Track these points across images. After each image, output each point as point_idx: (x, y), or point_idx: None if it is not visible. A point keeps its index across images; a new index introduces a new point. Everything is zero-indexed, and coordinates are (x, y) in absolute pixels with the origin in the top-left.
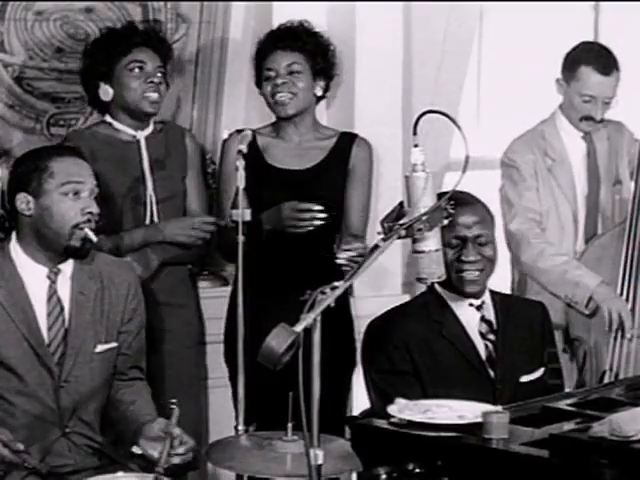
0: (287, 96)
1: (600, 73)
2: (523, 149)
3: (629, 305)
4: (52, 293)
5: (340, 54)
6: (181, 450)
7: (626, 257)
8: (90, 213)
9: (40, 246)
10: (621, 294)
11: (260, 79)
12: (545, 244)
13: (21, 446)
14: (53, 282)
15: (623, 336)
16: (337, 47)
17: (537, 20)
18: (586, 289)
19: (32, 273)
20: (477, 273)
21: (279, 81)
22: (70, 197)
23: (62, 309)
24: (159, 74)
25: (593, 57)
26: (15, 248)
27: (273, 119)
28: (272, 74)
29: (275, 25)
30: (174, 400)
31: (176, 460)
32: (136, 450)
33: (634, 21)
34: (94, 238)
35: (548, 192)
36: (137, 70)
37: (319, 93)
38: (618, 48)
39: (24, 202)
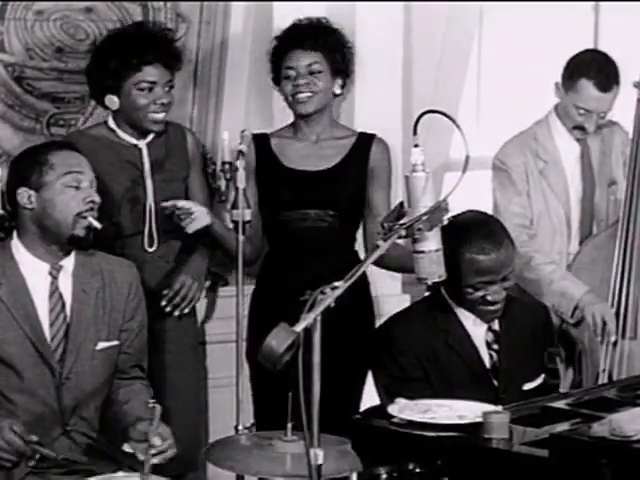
0: (307, 95)
1: (599, 89)
2: (514, 152)
3: (622, 306)
4: (54, 289)
5: None
6: (162, 447)
7: (619, 257)
8: (92, 202)
9: (42, 240)
10: (614, 295)
11: (278, 76)
12: (532, 252)
13: (34, 437)
14: (55, 278)
15: (603, 340)
16: None
17: (537, 20)
18: (571, 299)
19: (34, 270)
20: (499, 306)
21: (301, 81)
22: (71, 187)
23: (64, 305)
24: (167, 89)
25: (595, 71)
26: (16, 245)
27: (273, 118)
28: (292, 73)
29: (275, 25)
30: (152, 400)
31: (155, 460)
32: (126, 448)
33: (634, 21)
34: (98, 225)
35: (539, 195)
36: (147, 90)
37: (338, 91)
38: (618, 48)
39: (25, 196)
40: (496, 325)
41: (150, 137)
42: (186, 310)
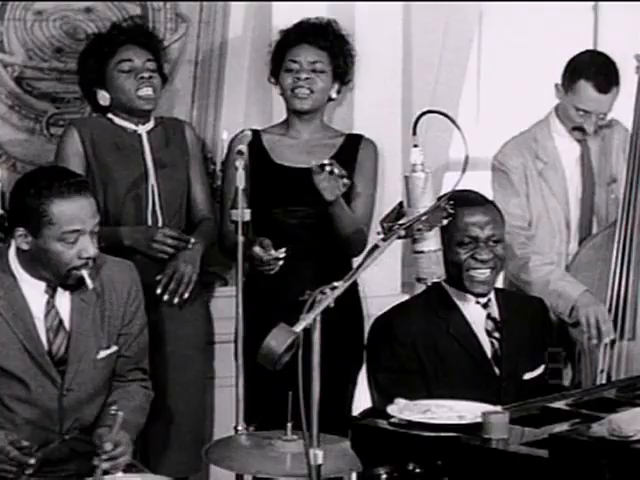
0: (306, 92)
1: (598, 91)
2: (513, 152)
3: (620, 307)
4: (50, 308)
5: None
6: (112, 453)
7: (617, 258)
8: (87, 258)
9: (36, 272)
10: (612, 295)
11: (278, 68)
12: (530, 254)
13: (26, 442)
14: (51, 297)
15: (599, 342)
16: None
17: (537, 20)
18: (568, 300)
19: (30, 286)
20: (488, 273)
21: (302, 76)
22: (69, 243)
23: (61, 322)
24: (149, 68)
25: (594, 72)
26: (14, 261)
27: (273, 118)
28: (295, 66)
29: (275, 25)
30: (114, 407)
31: (105, 465)
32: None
33: (634, 21)
34: (90, 285)
35: (539, 196)
36: (126, 69)
37: (334, 96)
38: (618, 49)
39: (22, 235)
40: (496, 313)
41: (150, 125)
42: (185, 295)
